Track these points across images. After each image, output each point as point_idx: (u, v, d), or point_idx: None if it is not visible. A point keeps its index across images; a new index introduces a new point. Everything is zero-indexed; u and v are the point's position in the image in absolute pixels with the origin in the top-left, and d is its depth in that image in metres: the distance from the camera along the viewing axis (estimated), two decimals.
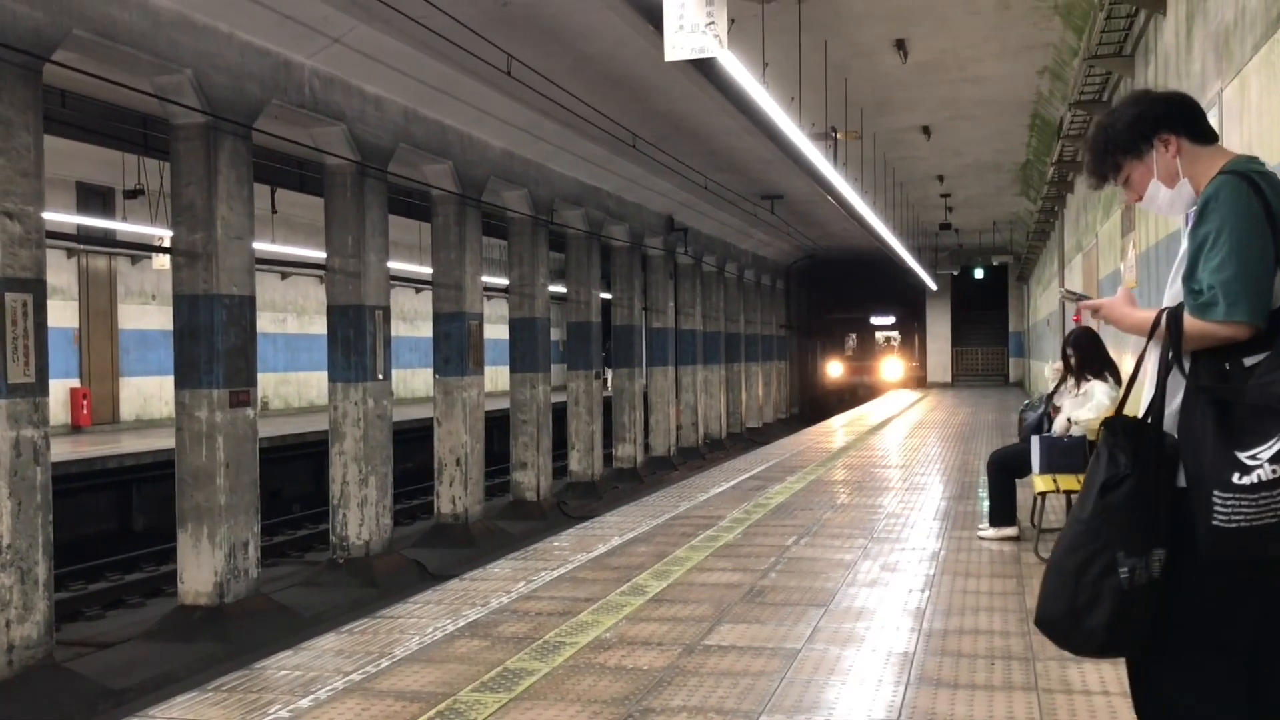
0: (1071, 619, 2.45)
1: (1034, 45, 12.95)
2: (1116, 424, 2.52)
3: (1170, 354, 2.48)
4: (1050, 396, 7.86)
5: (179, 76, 9.37)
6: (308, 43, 10.62)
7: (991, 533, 7.76)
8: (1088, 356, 7.41)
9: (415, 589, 8.08)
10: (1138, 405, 2.58)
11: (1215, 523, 2.32)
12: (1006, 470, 7.77)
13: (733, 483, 11.32)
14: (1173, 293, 2.59)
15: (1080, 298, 2.94)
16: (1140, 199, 2.76)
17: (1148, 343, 2.59)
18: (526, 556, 7.49)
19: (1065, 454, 7.22)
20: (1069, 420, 7.30)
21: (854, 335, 42.13)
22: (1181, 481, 2.43)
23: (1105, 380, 7.30)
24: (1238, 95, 5.48)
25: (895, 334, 41.88)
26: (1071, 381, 7.50)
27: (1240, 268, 2.39)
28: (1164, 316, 2.52)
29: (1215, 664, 2.47)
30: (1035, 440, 7.36)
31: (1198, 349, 2.46)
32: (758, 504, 9.67)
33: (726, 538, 7.97)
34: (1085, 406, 7.23)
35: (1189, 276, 2.48)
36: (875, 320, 41.69)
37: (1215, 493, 2.33)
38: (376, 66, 11.58)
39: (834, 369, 41.07)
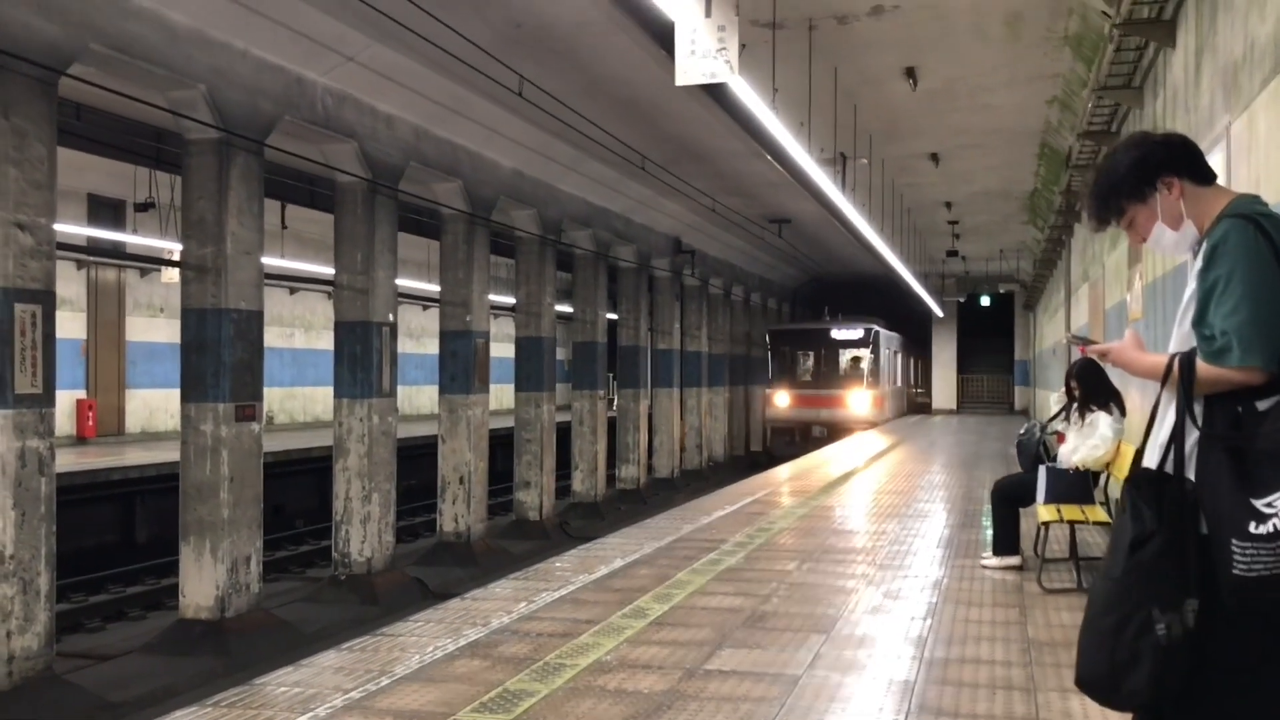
0: (1111, 680, 2.42)
1: (1043, 75, 13.00)
2: (1140, 479, 2.50)
3: (1183, 400, 2.48)
4: (1047, 424, 7.88)
5: (193, 91, 9.43)
6: (321, 60, 10.68)
7: (995, 562, 7.74)
8: (1092, 388, 7.42)
9: (416, 607, 8.07)
10: (1153, 451, 2.57)
11: (1236, 572, 2.31)
12: (1010, 500, 7.77)
13: (736, 506, 11.31)
14: (1181, 334, 2.58)
15: (1086, 341, 2.91)
16: (1144, 241, 2.77)
17: (1161, 389, 2.57)
18: (528, 577, 7.48)
19: (1070, 485, 7.23)
20: (1073, 455, 7.31)
21: (810, 354, 31.02)
22: (1204, 528, 2.41)
23: (1110, 412, 7.31)
24: (1246, 130, 5.50)
25: (864, 352, 29.99)
26: (1075, 413, 7.51)
27: (1253, 312, 2.39)
28: (1176, 362, 2.50)
29: (1246, 717, 2.43)
30: (1041, 470, 7.37)
31: (1211, 394, 2.46)
32: (760, 528, 9.65)
33: (729, 562, 7.96)
34: (1089, 441, 7.24)
35: (1199, 321, 2.47)
36: (839, 334, 30.32)
37: (1233, 541, 2.31)
38: (389, 85, 11.65)
39: (780, 400, 29.60)
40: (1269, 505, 2.28)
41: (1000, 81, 13.41)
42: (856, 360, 30.16)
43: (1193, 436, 2.46)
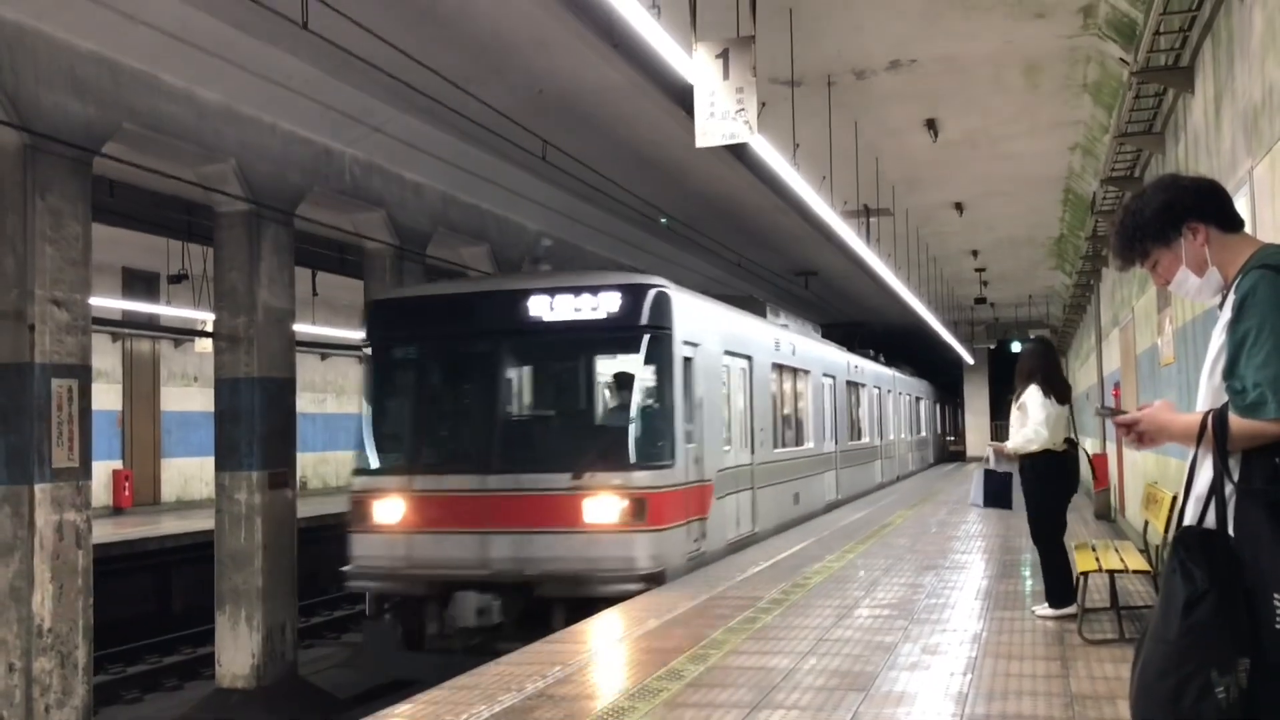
0: None
1: (1064, 122, 13.04)
2: (1187, 537, 2.46)
3: (1218, 456, 2.44)
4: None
5: (223, 165, 9.63)
6: (349, 131, 10.88)
7: (1051, 612, 7.62)
8: (1024, 371, 7.67)
9: (453, 671, 8.02)
10: (1191, 507, 2.52)
11: (1278, 627, 2.28)
12: (1048, 530, 7.62)
13: (771, 561, 11.21)
14: (1211, 386, 2.56)
15: (1115, 413, 2.83)
16: (1167, 284, 2.76)
17: (1196, 448, 2.52)
18: (562, 639, 7.44)
19: (999, 485, 7.58)
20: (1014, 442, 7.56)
21: (474, 372, 10.49)
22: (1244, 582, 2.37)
23: (1037, 390, 7.45)
24: (1269, 174, 5.49)
25: (633, 363, 9.92)
26: (1015, 407, 7.71)
27: None
28: (1209, 419, 2.47)
29: None
30: (975, 474, 7.73)
31: (1247, 448, 2.42)
32: (796, 584, 9.57)
33: (765, 619, 7.89)
34: (1029, 424, 7.44)
35: (1230, 374, 2.45)
36: (555, 308, 9.93)
37: (1275, 596, 2.28)
38: (416, 154, 11.84)
39: (386, 512, 9.58)
40: None
41: (1021, 130, 13.46)
42: (621, 387, 10.30)
43: (1229, 490, 2.43)
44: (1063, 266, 23.77)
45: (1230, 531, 2.41)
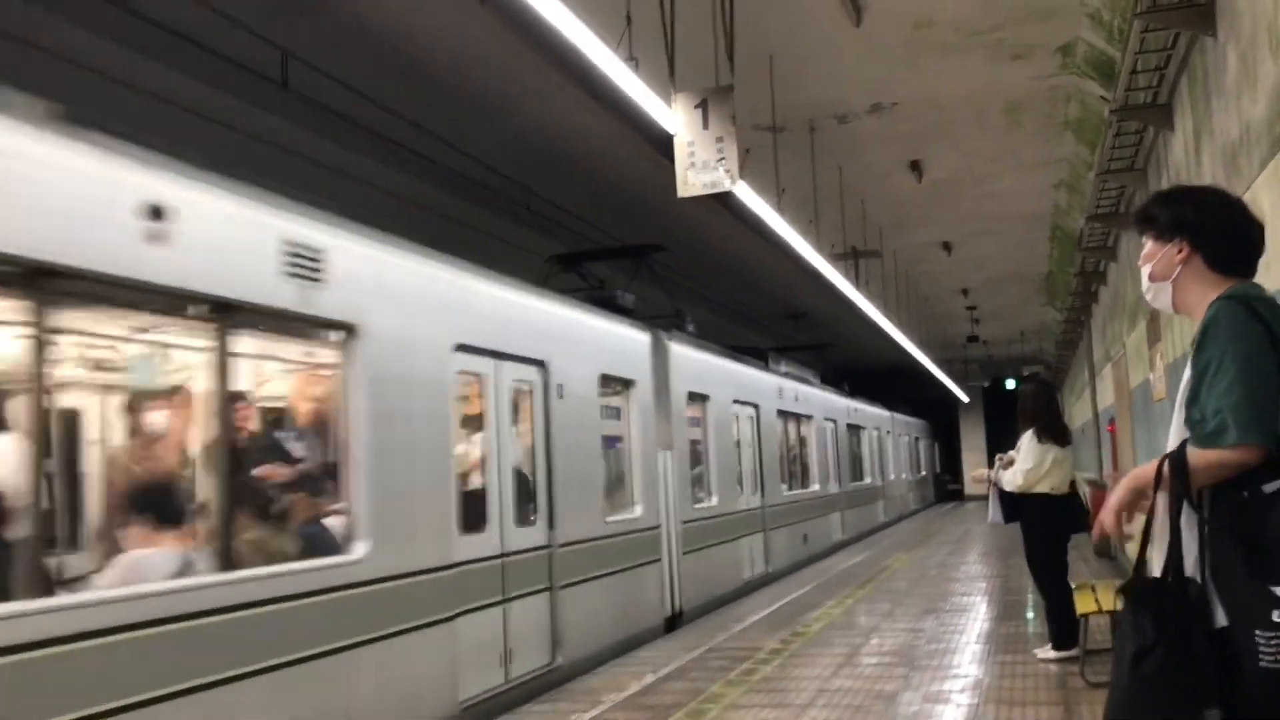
0: None
1: (1048, 160, 13.11)
2: (1134, 587, 2.43)
3: (1179, 498, 2.39)
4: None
5: None
6: (329, 187, 10.88)
7: (1054, 655, 7.54)
8: (1025, 414, 7.76)
9: None
10: (1158, 559, 2.49)
11: (1262, 664, 2.23)
12: (1051, 564, 7.55)
13: (770, 609, 11.10)
14: (1180, 419, 2.53)
15: (1099, 485, 2.79)
16: (1142, 265, 2.78)
17: (1154, 493, 2.47)
18: (558, 698, 7.33)
19: (1009, 504, 7.72)
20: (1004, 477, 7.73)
21: None
22: (1221, 621, 2.32)
23: (1032, 436, 7.53)
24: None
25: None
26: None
27: (1246, 391, 2.33)
28: (1165, 464, 2.43)
29: None
30: (991, 491, 7.84)
31: (1212, 482, 2.37)
32: (796, 632, 9.46)
33: (764, 671, 7.78)
34: (1016, 464, 7.59)
35: (1190, 405, 2.41)
36: None
37: (1257, 633, 2.24)
38: (401, 205, 11.84)
39: None
40: None
41: (1005, 169, 13.53)
42: None
43: (1191, 534, 2.38)
44: (1053, 303, 23.82)
45: (1191, 575, 2.36)
